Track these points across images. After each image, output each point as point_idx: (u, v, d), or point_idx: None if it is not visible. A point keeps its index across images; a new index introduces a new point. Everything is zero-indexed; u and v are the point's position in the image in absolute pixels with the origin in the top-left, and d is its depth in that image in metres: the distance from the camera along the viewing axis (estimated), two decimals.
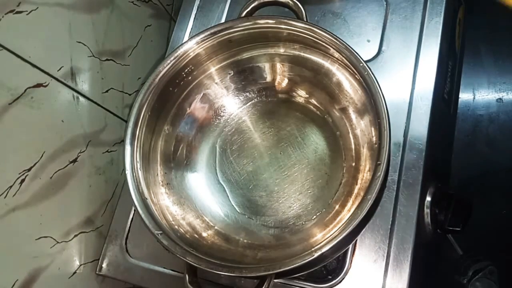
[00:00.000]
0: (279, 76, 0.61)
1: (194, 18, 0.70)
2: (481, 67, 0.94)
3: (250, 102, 0.63)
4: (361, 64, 0.48)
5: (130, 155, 0.52)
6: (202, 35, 0.55)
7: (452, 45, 0.65)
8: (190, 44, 0.55)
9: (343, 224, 0.43)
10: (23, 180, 0.48)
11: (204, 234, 0.55)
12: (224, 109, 0.63)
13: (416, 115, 0.55)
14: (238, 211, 0.59)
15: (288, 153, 0.59)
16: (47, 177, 0.52)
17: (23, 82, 0.48)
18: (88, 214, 0.60)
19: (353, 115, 0.55)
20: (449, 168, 0.77)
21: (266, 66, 0.60)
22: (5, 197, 0.46)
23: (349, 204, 0.53)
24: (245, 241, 0.56)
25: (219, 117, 0.63)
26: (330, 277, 0.53)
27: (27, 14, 0.47)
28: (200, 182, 0.61)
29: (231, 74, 0.61)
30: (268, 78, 0.61)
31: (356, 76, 0.50)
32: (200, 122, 0.62)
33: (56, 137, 0.53)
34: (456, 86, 0.71)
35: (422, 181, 0.52)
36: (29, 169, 0.49)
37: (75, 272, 0.58)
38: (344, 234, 0.42)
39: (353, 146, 0.56)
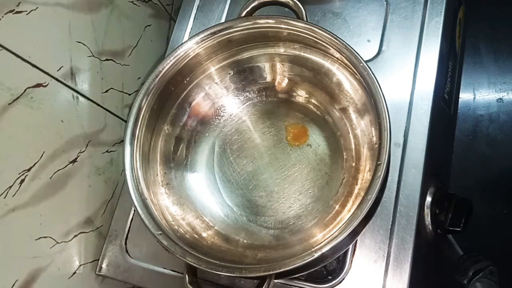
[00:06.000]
0: (279, 76, 0.61)
1: (194, 18, 0.70)
2: (482, 67, 0.94)
3: (250, 102, 0.63)
4: (362, 64, 0.47)
5: (130, 155, 0.52)
6: (202, 35, 0.54)
7: (453, 45, 0.65)
8: (190, 44, 0.55)
9: (343, 224, 0.43)
10: (22, 180, 0.48)
11: (204, 235, 0.55)
12: (224, 109, 0.63)
13: (416, 115, 0.55)
14: (238, 211, 0.58)
15: (288, 153, 0.59)
16: (47, 177, 0.52)
17: (23, 82, 0.48)
18: (87, 214, 0.60)
19: (353, 115, 0.55)
20: (449, 168, 0.77)
21: (266, 66, 0.60)
22: (4, 197, 0.46)
23: (349, 204, 0.53)
24: (245, 241, 0.56)
25: (219, 117, 0.63)
26: (330, 277, 0.53)
27: (27, 14, 0.47)
28: (200, 182, 0.61)
29: (231, 74, 0.61)
30: (268, 78, 0.61)
31: (356, 76, 0.50)
32: (200, 122, 0.62)
33: (56, 137, 0.53)
34: (457, 86, 0.70)
35: (422, 181, 0.52)
36: (28, 169, 0.49)
37: (75, 273, 0.58)
38: (344, 235, 0.42)
39: (353, 146, 0.55)
